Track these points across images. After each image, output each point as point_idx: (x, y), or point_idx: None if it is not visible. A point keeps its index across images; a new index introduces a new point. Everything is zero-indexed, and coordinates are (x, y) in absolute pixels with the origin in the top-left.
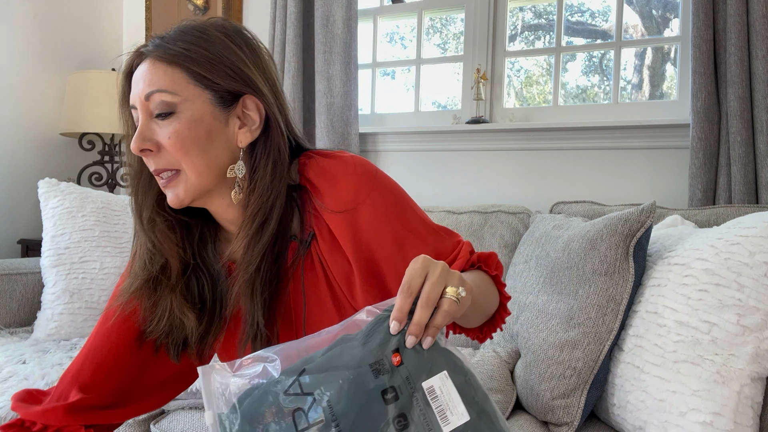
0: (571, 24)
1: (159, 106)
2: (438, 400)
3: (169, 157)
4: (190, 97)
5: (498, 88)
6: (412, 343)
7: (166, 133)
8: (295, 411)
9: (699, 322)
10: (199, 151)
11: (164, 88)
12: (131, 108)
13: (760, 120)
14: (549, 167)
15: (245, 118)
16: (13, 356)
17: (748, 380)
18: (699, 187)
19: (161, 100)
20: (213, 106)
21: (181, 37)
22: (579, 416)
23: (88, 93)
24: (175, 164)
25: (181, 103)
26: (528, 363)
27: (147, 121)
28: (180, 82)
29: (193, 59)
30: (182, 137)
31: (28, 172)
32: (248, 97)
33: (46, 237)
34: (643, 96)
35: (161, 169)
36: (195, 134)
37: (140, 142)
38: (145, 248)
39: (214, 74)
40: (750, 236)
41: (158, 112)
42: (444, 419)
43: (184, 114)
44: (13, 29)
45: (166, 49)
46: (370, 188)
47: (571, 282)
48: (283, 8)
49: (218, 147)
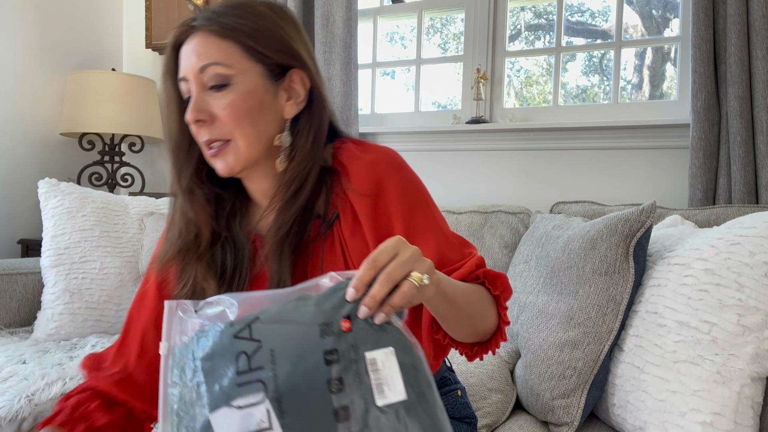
0: (571, 24)
1: (214, 78)
2: (378, 373)
3: (223, 128)
4: (243, 70)
5: (498, 88)
6: (363, 313)
7: (221, 104)
8: (239, 354)
9: (699, 322)
10: (251, 122)
11: (219, 60)
12: (180, 80)
13: (760, 120)
14: (549, 167)
15: (291, 92)
16: (13, 356)
17: (748, 380)
18: (699, 187)
19: (216, 73)
20: (264, 79)
21: (232, 12)
22: (579, 416)
23: (88, 93)
24: (227, 134)
25: (236, 75)
26: (528, 363)
27: (201, 93)
28: (234, 56)
29: (247, 33)
30: (237, 108)
31: (28, 172)
32: (295, 72)
33: (46, 237)
34: (643, 96)
35: (213, 139)
36: (248, 106)
37: (196, 112)
38: (182, 217)
39: (266, 48)
40: (750, 236)
41: (213, 84)
42: (380, 392)
43: (238, 86)
44: (13, 29)
45: (219, 23)
46: (396, 179)
47: (571, 282)
48: None
49: (267, 118)
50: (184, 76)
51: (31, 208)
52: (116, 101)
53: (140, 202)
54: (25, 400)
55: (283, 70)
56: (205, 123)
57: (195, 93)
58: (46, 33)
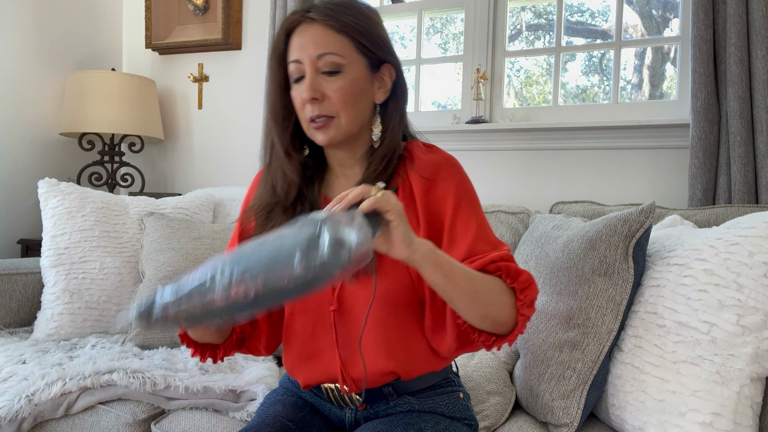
0: (571, 24)
1: (329, 65)
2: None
3: (330, 106)
4: (353, 61)
5: (498, 88)
6: (330, 205)
7: (334, 87)
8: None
9: (698, 322)
10: (354, 104)
11: (336, 51)
12: (292, 62)
13: (760, 120)
14: (549, 167)
15: (381, 82)
16: (12, 356)
17: (747, 380)
18: (699, 187)
19: (332, 61)
20: (366, 70)
21: (347, 11)
22: (579, 417)
23: (88, 93)
24: (333, 112)
25: (347, 65)
26: (527, 364)
27: (315, 76)
28: (347, 49)
29: (359, 32)
30: (347, 92)
31: (28, 172)
32: (386, 65)
33: (46, 237)
34: (643, 96)
35: (321, 114)
36: (354, 91)
37: (312, 91)
38: (279, 176)
39: (372, 46)
40: (749, 236)
41: (327, 70)
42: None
43: (348, 74)
44: (13, 29)
45: (337, 20)
46: (453, 172)
47: (570, 282)
48: (282, 8)
49: (365, 102)
50: (298, 59)
51: (31, 208)
52: (116, 101)
53: (140, 202)
54: (25, 400)
55: (379, 63)
56: (317, 101)
57: (309, 75)
58: (46, 33)
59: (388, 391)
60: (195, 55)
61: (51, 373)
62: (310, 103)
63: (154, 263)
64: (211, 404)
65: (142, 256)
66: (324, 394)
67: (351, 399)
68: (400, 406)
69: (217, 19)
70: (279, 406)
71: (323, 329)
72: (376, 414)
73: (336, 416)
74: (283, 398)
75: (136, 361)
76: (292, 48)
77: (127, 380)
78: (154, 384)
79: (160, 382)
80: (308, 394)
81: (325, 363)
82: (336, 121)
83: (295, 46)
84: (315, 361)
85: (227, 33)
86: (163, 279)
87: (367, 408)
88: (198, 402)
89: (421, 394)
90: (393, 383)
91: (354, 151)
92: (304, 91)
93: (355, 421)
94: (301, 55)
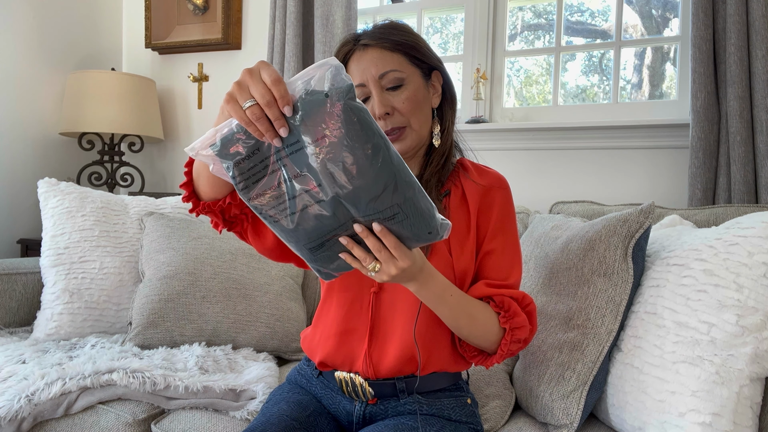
0: (570, 24)
1: (392, 81)
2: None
3: (401, 118)
4: (411, 73)
5: (498, 87)
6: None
7: (401, 99)
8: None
9: (698, 322)
10: (420, 110)
11: (396, 68)
12: (357, 86)
13: (760, 120)
14: (548, 167)
15: (433, 87)
16: (12, 356)
17: (747, 381)
18: (698, 186)
19: (395, 77)
20: (422, 79)
21: (393, 32)
22: (578, 417)
23: (88, 93)
24: (404, 122)
25: (407, 78)
26: (527, 364)
27: (381, 93)
28: (404, 64)
29: (409, 46)
30: (413, 101)
31: (28, 171)
32: (435, 72)
33: (46, 237)
34: (643, 96)
35: (395, 127)
36: (418, 98)
37: (384, 107)
38: None
39: (422, 56)
40: (749, 236)
41: (391, 86)
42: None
43: (410, 86)
44: (13, 29)
45: (389, 40)
46: (503, 188)
47: (570, 283)
48: (282, 8)
49: (427, 107)
50: (362, 82)
51: (31, 208)
52: (116, 101)
53: (140, 201)
54: (24, 399)
55: (430, 71)
56: (389, 115)
57: (377, 94)
58: (46, 33)
59: (401, 387)
60: (195, 54)
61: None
62: (383, 119)
63: (153, 263)
64: (211, 404)
65: (142, 255)
66: (336, 385)
67: (363, 391)
68: (408, 404)
69: (217, 18)
70: (284, 405)
71: (359, 309)
72: (385, 411)
73: (344, 409)
74: (289, 396)
75: (136, 360)
76: (351, 73)
77: (127, 380)
78: (154, 384)
79: (160, 381)
80: (318, 385)
81: (353, 343)
82: (408, 130)
83: (354, 71)
84: (343, 338)
85: (227, 33)
86: (163, 279)
87: (377, 403)
88: (198, 401)
89: (430, 395)
90: (407, 379)
91: (416, 159)
92: (375, 108)
93: (363, 417)
94: (364, 78)
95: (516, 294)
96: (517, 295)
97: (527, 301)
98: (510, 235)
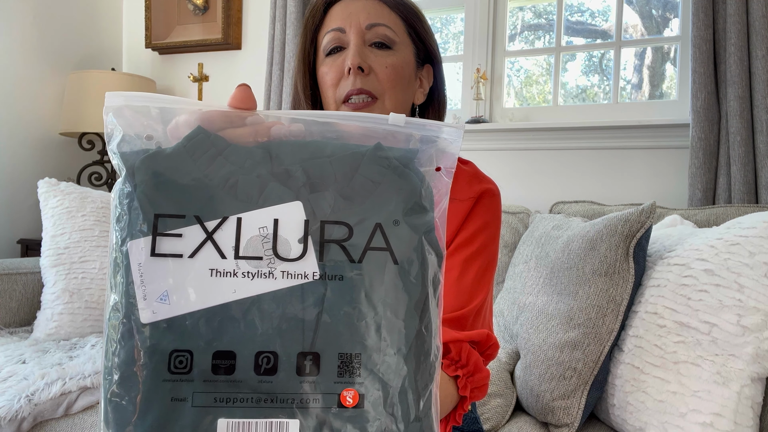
0: (571, 24)
1: (380, 37)
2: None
3: (377, 84)
4: (403, 42)
5: (498, 87)
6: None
7: (384, 62)
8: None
9: (699, 322)
10: (401, 89)
11: (389, 24)
12: (331, 31)
13: (760, 120)
14: (549, 167)
15: (421, 81)
16: (12, 356)
17: (748, 381)
18: (699, 186)
19: (384, 34)
20: (413, 59)
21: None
22: (579, 417)
23: (88, 93)
24: (379, 92)
25: (399, 44)
26: (528, 364)
27: (361, 47)
28: (399, 27)
29: (413, 14)
30: (397, 71)
31: (28, 171)
32: (427, 66)
33: (46, 237)
34: (643, 96)
35: (364, 90)
36: (404, 73)
37: (360, 59)
38: None
39: (423, 33)
40: (750, 236)
41: (378, 42)
42: None
43: (398, 54)
44: (13, 29)
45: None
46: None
47: (570, 282)
48: (282, 8)
49: (409, 95)
50: (341, 27)
51: (31, 208)
52: None
53: None
54: (24, 399)
55: (423, 60)
56: (362, 74)
57: (355, 44)
58: (46, 33)
59: None
60: (195, 55)
61: (51, 372)
62: (353, 74)
63: None
64: None
65: None
66: None
67: None
68: None
69: (217, 18)
70: None
71: None
72: None
73: None
74: None
75: None
76: (333, 17)
77: None
78: None
79: None
80: None
81: None
82: (379, 105)
83: (337, 14)
84: None
85: (227, 33)
86: None
87: None
88: None
89: None
90: None
91: None
92: (347, 59)
93: None
94: (345, 23)
95: (463, 335)
96: (463, 335)
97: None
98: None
